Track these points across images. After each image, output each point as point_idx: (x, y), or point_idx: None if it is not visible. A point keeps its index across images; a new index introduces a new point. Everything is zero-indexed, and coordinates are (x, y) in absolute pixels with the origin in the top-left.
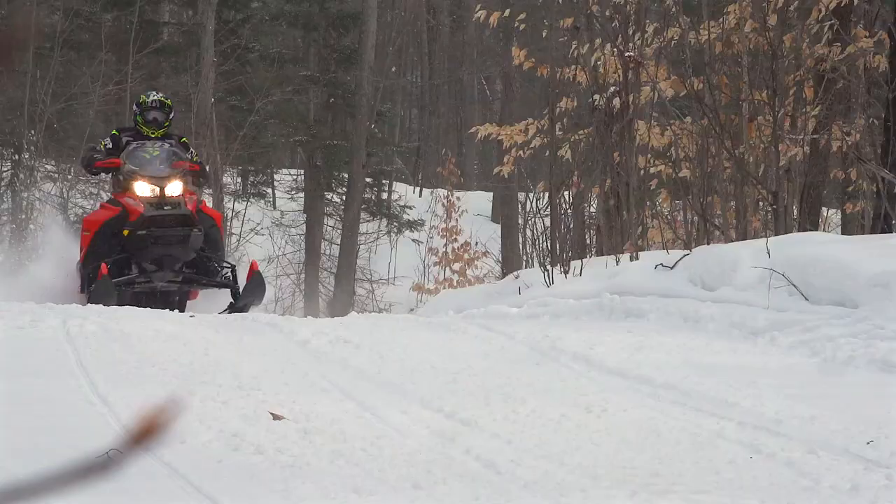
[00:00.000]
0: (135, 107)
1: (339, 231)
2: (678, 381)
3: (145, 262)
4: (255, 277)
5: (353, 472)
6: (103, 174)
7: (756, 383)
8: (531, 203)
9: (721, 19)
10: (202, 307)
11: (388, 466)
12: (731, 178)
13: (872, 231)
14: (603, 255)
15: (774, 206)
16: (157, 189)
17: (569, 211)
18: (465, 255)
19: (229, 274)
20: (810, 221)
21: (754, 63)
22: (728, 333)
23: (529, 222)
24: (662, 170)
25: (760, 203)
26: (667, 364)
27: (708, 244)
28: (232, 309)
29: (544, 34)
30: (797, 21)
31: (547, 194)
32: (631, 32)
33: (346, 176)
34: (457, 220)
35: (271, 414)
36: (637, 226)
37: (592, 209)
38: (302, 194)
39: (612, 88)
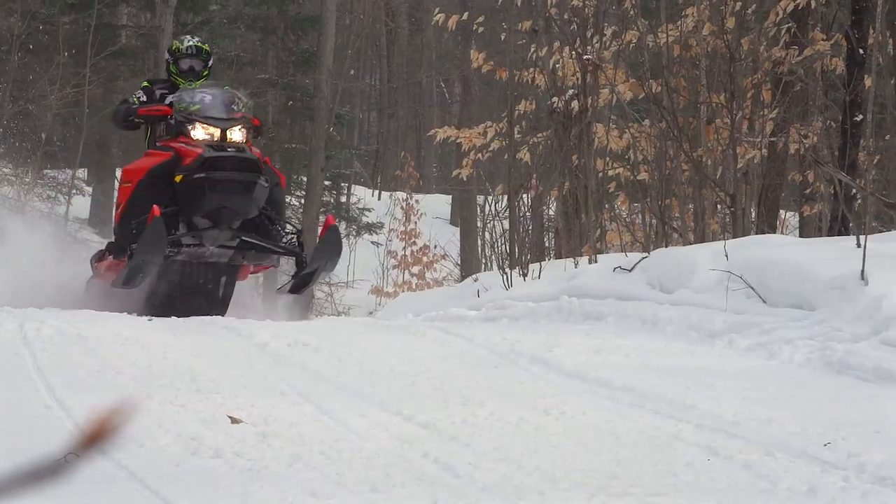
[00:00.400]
0: (167, 55)
1: None
2: (636, 383)
3: (198, 215)
4: (331, 235)
5: (311, 475)
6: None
7: (714, 385)
8: (490, 206)
9: (679, 22)
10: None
11: (347, 470)
12: (689, 181)
13: (830, 233)
14: (561, 257)
15: (732, 209)
16: (218, 133)
17: (527, 214)
18: (424, 258)
19: (295, 240)
20: (768, 224)
21: (712, 66)
22: (686, 336)
23: (488, 225)
24: (621, 172)
25: (718, 206)
26: (625, 366)
27: (666, 247)
28: (298, 278)
29: (503, 37)
30: (755, 24)
31: (506, 197)
32: (589, 35)
33: (304, 179)
34: (416, 222)
35: (230, 417)
36: (595, 228)
37: (551, 212)
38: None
39: (570, 91)
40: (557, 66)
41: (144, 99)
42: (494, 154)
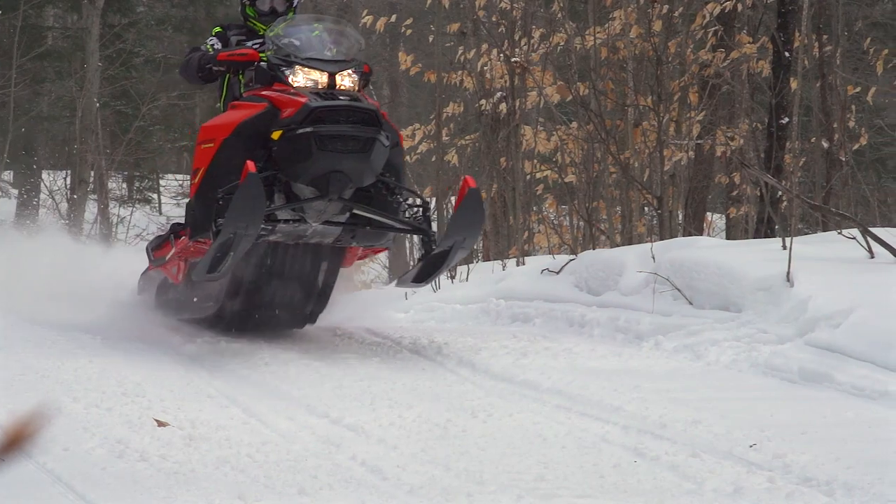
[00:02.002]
0: None
1: None
2: (563, 385)
3: (301, 181)
4: (471, 201)
5: (238, 478)
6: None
7: (641, 387)
8: None
9: (606, 25)
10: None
11: (274, 472)
12: (616, 183)
13: (756, 235)
14: (489, 260)
15: (659, 211)
16: (325, 78)
17: None
18: None
19: (420, 213)
20: (695, 226)
21: (639, 69)
22: (613, 338)
23: None
24: (549, 175)
25: (645, 208)
26: (552, 369)
27: (593, 249)
28: (426, 262)
29: (431, 39)
30: (682, 27)
31: (434, 199)
32: (517, 38)
33: None
34: None
35: (156, 421)
36: (523, 231)
37: None
38: (188, 199)
39: (498, 94)
40: (485, 68)
41: (218, 47)
42: (423, 156)
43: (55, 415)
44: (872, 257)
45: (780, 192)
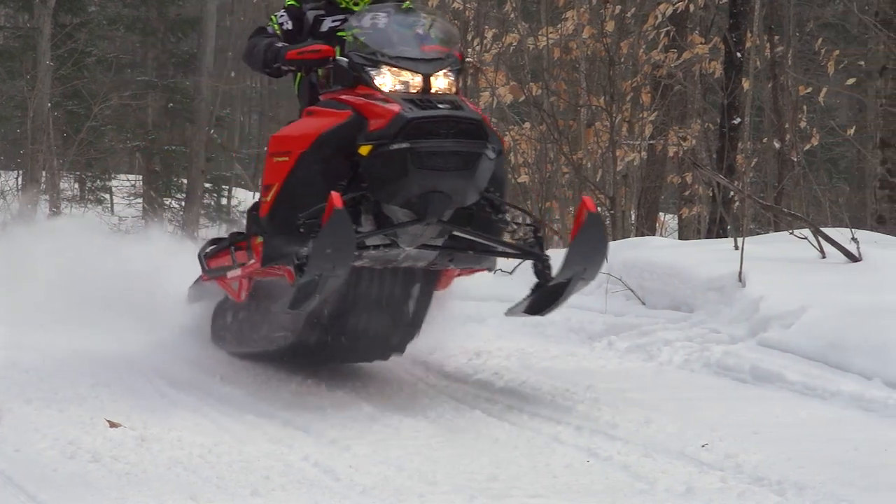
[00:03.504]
0: None
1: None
2: (516, 386)
3: (394, 203)
4: (593, 227)
5: (190, 479)
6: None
7: (594, 387)
8: None
9: (559, 25)
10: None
11: (226, 473)
12: (569, 184)
13: (708, 235)
14: None
15: (612, 211)
16: (419, 80)
17: None
18: None
19: (530, 234)
20: (647, 226)
21: (592, 69)
22: (566, 338)
23: None
24: None
25: (598, 208)
26: (506, 369)
27: (546, 249)
28: (541, 293)
29: None
30: (634, 27)
31: None
32: (470, 38)
33: (185, 181)
34: None
35: (108, 422)
36: None
37: None
38: (140, 200)
39: None
40: None
41: (289, 27)
42: None
43: (5, 416)
44: (824, 257)
45: (732, 193)
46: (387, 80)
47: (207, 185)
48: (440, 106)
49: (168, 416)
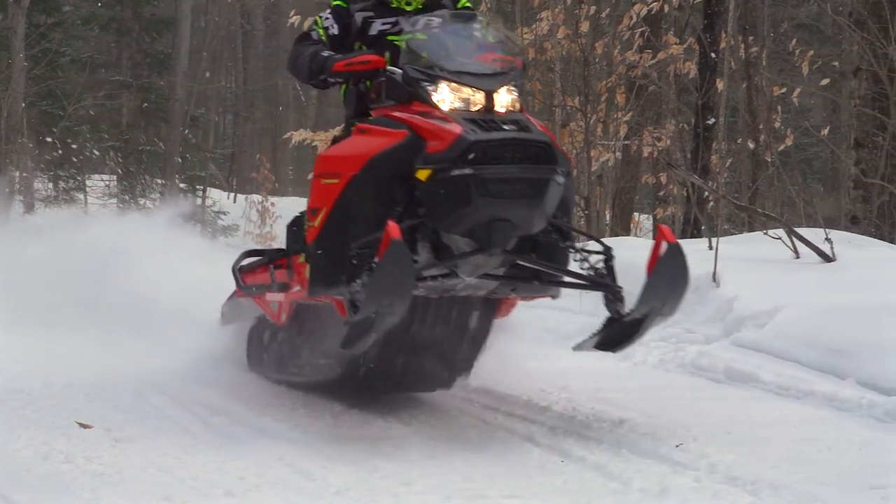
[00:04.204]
0: None
1: None
2: (491, 386)
3: (456, 232)
4: (673, 258)
5: (165, 479)
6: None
7: (568, 388)
8: None
9: (534, 26)
10: None
11: (201, 474)
12: None
13: (682, 236)
14: None
15: (587, 211)
16: (481, 97)
17: None
18: None
19: (601, 263)
20: (622, 226)
21: (567, 69)
22: (542, 339)
23: None
24: None
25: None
26: (480, 369)
27: None
28: (615, 328)
29: None
30: (609, 28)
31: None
32: None
33: (159, 181)
34: (271, 225)
35: (78, 424)
36: None
37: None
38: (114, 200)
39: None
40: None
41: (335, 31)
42: None
43: None
44: (798, 257)
45: (706, 193)
46: (445, 96)
47: (182, 185)
48: (505, 127)
49: (142, 417)
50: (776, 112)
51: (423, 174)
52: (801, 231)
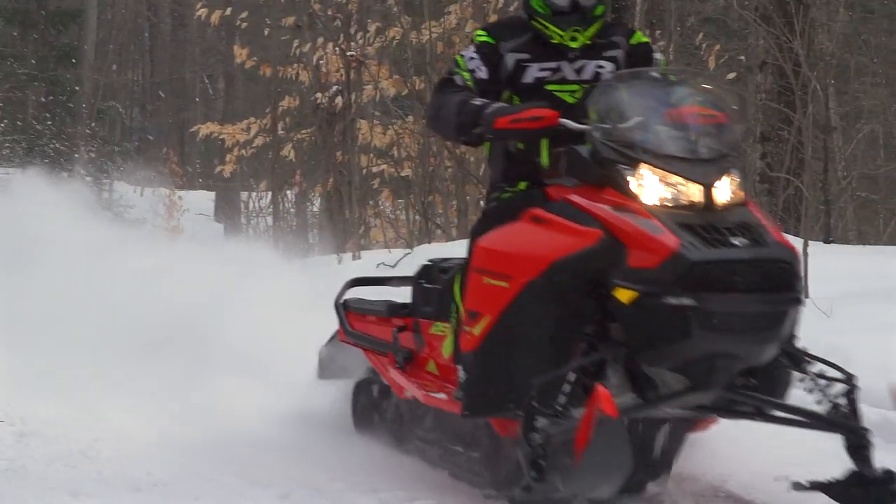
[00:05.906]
0: None
1: None
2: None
3: (665, 367)
4: None
5: (71, 474)
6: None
7: None
8: (254, 202)
9: (442, 19)
10: None
11: (107, 468)
12: (452, 178)
13: None
14: (326, 254)
15: None
16: (699, 192)
17: (291, 210)
18: None
19: (841, 395)
20: None
21: None
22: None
23: (252, 222)
24: (385, 169)
25: (481, 202)
26: None
27: (429, 243)
28: (857, 488)
29: (266, 32)
30: None
31: (269, 193)
32: (353, 31)
33: (65, 175)
34: (179, 219)
35: None
36: (359, 225)
37: (315, 208)
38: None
39: (334, 87)
40: (321, 62)
41: (484, 75)
42: (258, 150)
43: None
44: None
45: None
46: (649, 185)
47: (88, 178)
48: (734, 242)
49: (48, 411)
50: None
51: (624, 295)
52: None
